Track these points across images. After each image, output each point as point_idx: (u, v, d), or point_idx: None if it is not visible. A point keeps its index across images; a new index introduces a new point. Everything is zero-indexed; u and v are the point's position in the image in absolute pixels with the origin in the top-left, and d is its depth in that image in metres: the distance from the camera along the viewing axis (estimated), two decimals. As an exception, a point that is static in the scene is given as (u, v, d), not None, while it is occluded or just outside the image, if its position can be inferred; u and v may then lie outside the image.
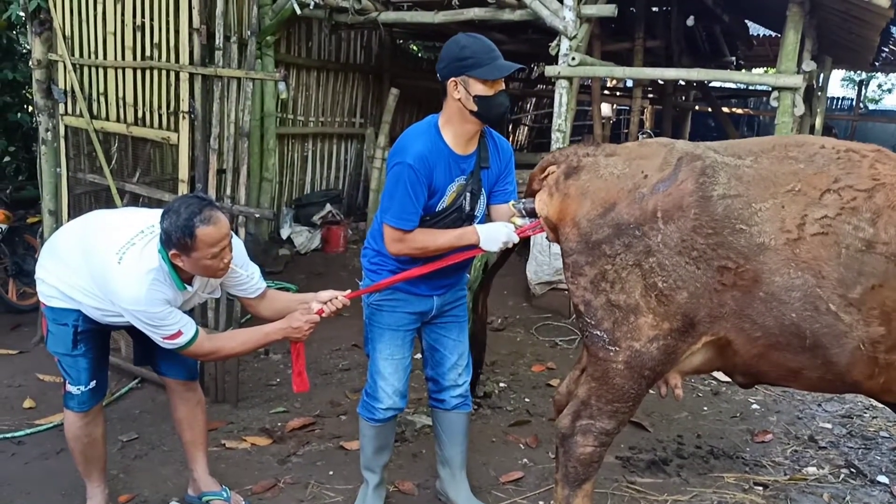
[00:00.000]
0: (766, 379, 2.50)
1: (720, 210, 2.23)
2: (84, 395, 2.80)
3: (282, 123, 7.03)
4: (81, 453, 2.89)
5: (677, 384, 2.54)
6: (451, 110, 2.59)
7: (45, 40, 4.82)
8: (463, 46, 2.50)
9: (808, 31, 5.42)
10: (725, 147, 2.43)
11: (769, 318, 2.22)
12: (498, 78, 2.52)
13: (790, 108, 4.86)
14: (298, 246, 6.86)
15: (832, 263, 2.13)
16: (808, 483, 3.34)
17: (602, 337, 2.39)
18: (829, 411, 4.11)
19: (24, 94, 7.50)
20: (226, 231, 2.52)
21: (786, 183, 2.23)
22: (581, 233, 2.40)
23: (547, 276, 5.43)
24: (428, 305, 2.82)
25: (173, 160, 4.88)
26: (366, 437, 2.95)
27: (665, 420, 3.94)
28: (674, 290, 2.26)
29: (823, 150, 2.29)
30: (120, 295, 2.53)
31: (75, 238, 2.77)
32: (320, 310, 2.68)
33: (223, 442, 3.62)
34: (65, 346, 2.76)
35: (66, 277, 2.71)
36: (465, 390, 2.99)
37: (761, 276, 2.20)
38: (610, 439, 2.53)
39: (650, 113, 12.34)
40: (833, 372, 2.26)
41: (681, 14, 7.78)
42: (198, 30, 4.05)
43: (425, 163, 2.54)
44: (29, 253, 5.70)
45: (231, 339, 2.79)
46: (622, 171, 2.42)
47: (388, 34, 8.18)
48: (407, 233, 2.58)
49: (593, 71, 5.60)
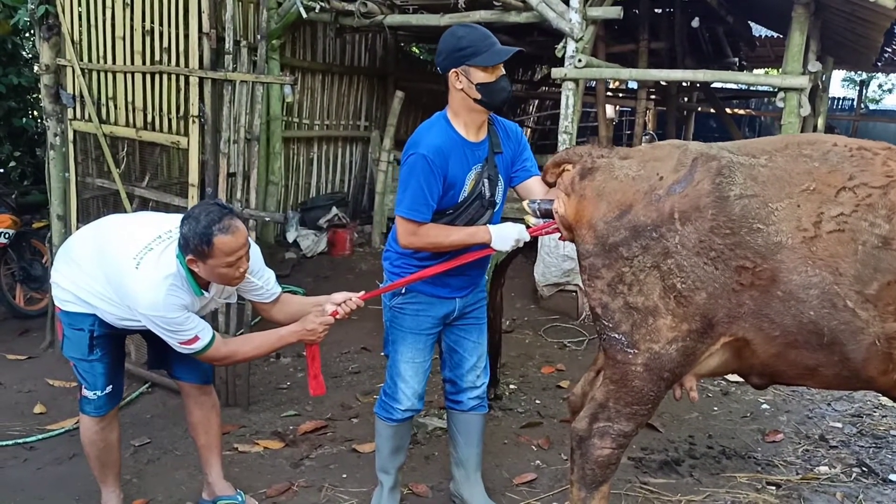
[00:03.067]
0: (783, 379, 2.51)
1: (737, 210, 2.23)
2: (100, 399, 2.80)
3: (287, 127, 7.04)
4: (97, 458, 2.90)
5: (692, 387, 2.53)
6: (456, 101, 2.63)
7: (54, 45, 4.82)
8: (460, 37, 2.54)
9: (813, 32, 5.44)
10: (739, 147, 2.44)
11: (787, 317, 2.22)
12: (497, 63, 2.56)
13: (796, 109, 4.87)
14: (304, 249, 6.86)
15: (849, 260, 2.14)
16: (820, 482, 3.34)
17: (620, 339, 2.38)
18: (839, 410, 4.12)
19: (28, 99, 7.53)
20: (243, 241, 2.52)
21: (801, 182, 2.23)
22: (598, 235, 2.40)
23: (555, 277, 5.44)
24: (450, 307, 2.83)
25: (181, 164, 4.90)
26: (382, 437, 2.95)
27: (676, 421, 3.95)
28: (692, 290, 2.27)
29: (836, 148, 2.30)
30: (138, 300, 2.54)
31: (91, 243, 2.77)
32: (334, 311, 2.68)
33: (235, 446, 3.63)
34: (81, 351, 2.76)
35: (81, 282, 2.72)
36: (483, 392, 2.99)
37: (779, 275, 2.20)
38: (628, 441, 2.53)
39: (653, 114, 12.36)
40: (849, 368, 2.26)
41: (684, 15, 7.80)
42: (207, 34, 4.05)
43: (440, 153, 2.56)
44: (36, 258, 5.71)
45: (246, 343, 2.79)
46: (637, 172, 2.42)
47: (393, 37, 8.20)
48: (420, 225, 2.59)
49: (599, 73, 5.61)
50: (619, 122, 13.59)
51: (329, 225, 7.14)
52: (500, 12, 5.44)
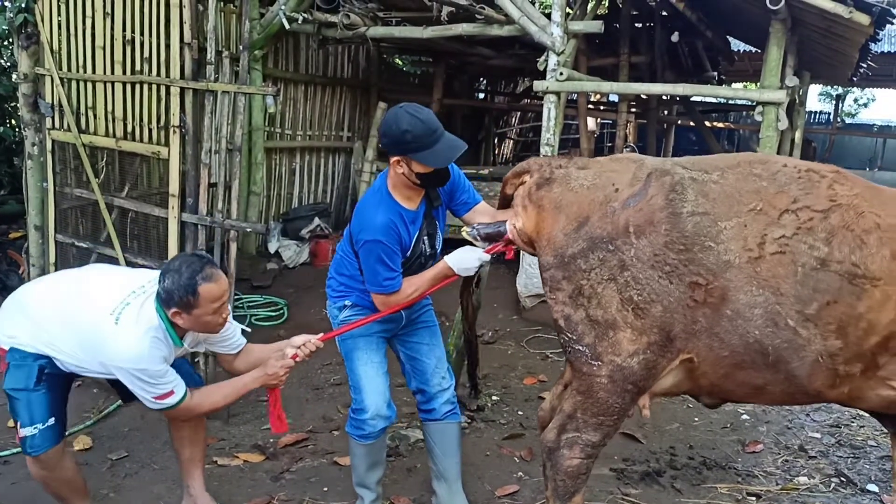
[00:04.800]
0: (732, 398, 2.56)
1: (690, 227, 2.28)
2: (43, 433, 2.67)
3: (269, 137, 7.01)
4: (56, 492, 2.82)
5: (645, 404, 2.56)
6: (395, 178, 2.68)
7: (32, 54, 4.78)
8: (405, 131, 2.50)
9: (790, 47, 5.52)
10: (693, 163, 2.49)
11: (735, 336, 2.27)
12: (440, 167, 2.60)
13: (774, 123, 4.92)
14: (286, 260, 6.83)
15: (790, 281, 2.20)
16: (799, 493, 3.37)
17: (584, 352, 2.41)
18: (818, 421, 4.16)
19: (6, 108, 7.45)
20: (225, 287, 2.59)
21: (749, 201, 2.29)
22: (556, 247, 2.44)
23: (537, 288, 5.45)
24: (396, 317, 2.88)
25: (161, 174, 4.85)
26: (357, 455, 2.96)
27: (657, 431, 3.96)
28: (648, 303, 2.30)
29: (786, 169, 2.35)
30: (119, 354, 2.52)
31: (48, 301, 2.72)
32: (294, 354, 2.75)
33: (215, 459, 3.58)
34: (26, 382, 2.65)
35: (42, 337, 2.66)
36: (452, 396, 3.02)
37: (728, 294, 2.25)
38: (596, 452, 2.55)
39: (633, 127, 12.46)
40: (795, 385, 2.32)
41: (664, 30, 7.89)
42: (189, 44, 4.04)
43: (392, 232, 2.63)
44: (12, 269, 5.64)
45: (210, 395, 2.78)
46: (593, 182, 2.47)
47: (376, 48, 8.21)
48: (395, 294, 2.68)
49: (581, 86, 5.65)
50: (600, 135, 13.69)
51: (311, 235, 7.11)
52: (483, 25, 5.47)
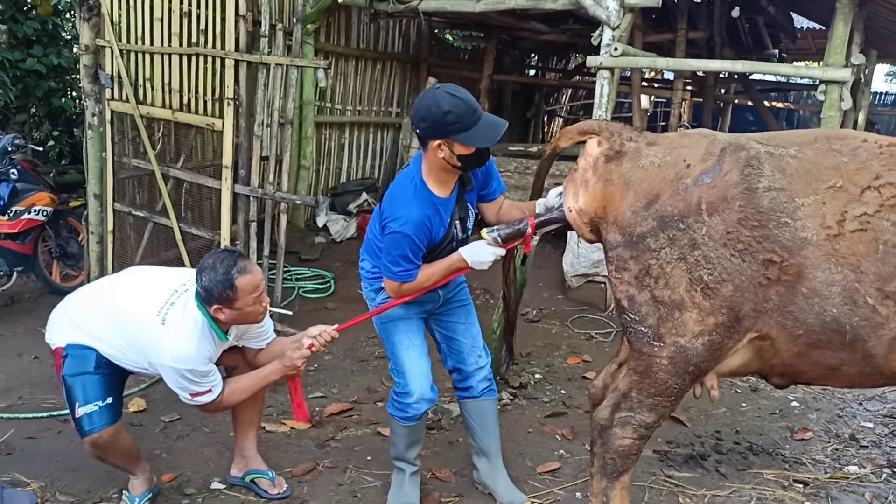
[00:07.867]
0: (804, 378, 2.48)
1: (766, 202, 2.21)
2: (101, 410, 2.73)
3: (320, 112, 7.07)
4: (112, 462, 2.90)
5: (713, 385, 2.51)
6: (432, 163, 2.59)
7: (94, 26, 4.90)
8: (447, 111, 2.43)
9: (857, 24, 5.29)
10: (768, 138, 2.40)
11: (811, 315, 2.21)
12: (485, 147, 2.52)
13: (837, 102, 4.74)
14: (334, 234, 6.91)
15: (870, 258, 2.15)
16: (849, 482, 3.29)
17: (646, 333, 2.36)
18: (871, 410, 4.05)
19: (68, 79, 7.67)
20: (260, 276, 2.67)
21: (828, 178, 2.22)
22: (624, 225, 2.37)
23: (583, 268, 5.41)
24: (433, 297, 2.87)
25: (215, 146, 4.95)
26: (398, 434, 2.99)
27: (703, 415, 3.91)
28: (719, 282, 2.24)
29: (866, 145, 2.27)
30: (168, 354, 2.60)
31: (96, 308, 2.82)
32: (311, 344, 2.79)
33: (263, 425, 3.65)
34: (85, 366, 2.73)
35: (94, 343, 2.77)
36: (489, 373, 3.03)
37: (804, 272, 2.19)
38: (649, 433, 2.51)
39: (689, 106, 12.16)
40: (872, 365, 2.26)
41: (724, 5, 7.65)
42: (244, 17, 4.09)
43: (424, 228, 2.57)
44: (72, 236, 5.82)
45: (236, 389, 2.82)
46: (663, 159, 2.38)
47: (427, 23, 8.17)
48: (408, 283, 2.66)
49: (636, 62, 5.52)
50: (653, 113, 13.41)
51: (359, 210, 7.17)
52: None
